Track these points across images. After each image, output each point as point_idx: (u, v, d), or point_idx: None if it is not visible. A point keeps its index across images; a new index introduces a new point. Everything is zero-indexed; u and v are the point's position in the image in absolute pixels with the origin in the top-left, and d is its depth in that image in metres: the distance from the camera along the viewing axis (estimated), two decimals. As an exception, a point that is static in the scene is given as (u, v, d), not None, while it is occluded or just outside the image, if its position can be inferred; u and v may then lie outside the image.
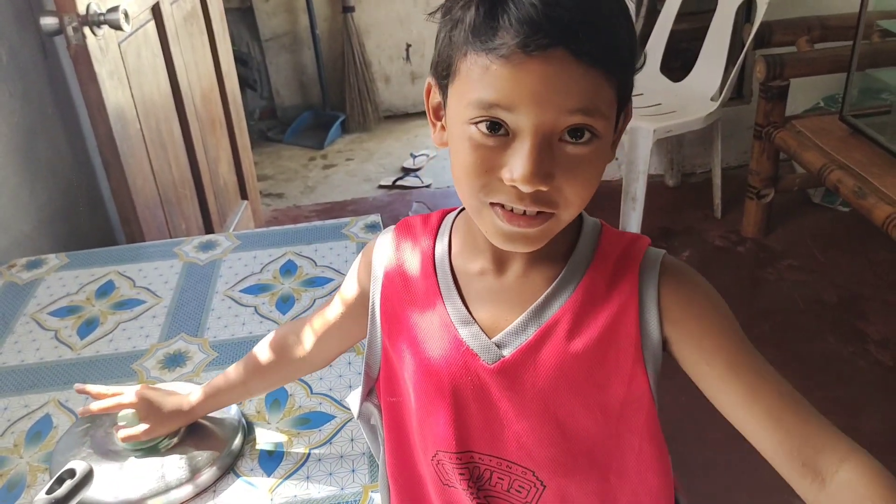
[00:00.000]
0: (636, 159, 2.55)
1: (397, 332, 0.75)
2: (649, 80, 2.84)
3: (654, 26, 2.84)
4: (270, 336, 0.92)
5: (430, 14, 0.66)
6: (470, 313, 0.71)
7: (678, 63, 2.88)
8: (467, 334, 0.70)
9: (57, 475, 0.76)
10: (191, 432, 0.99)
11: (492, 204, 0.62)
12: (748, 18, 2.76)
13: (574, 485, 0.73)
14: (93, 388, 0.99)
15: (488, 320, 0.70)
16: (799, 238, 2.73)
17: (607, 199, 2.84)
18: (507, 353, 0.69)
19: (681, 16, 2.77)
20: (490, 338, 0.69)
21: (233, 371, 0.94)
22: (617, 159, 3.02)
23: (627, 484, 0.74)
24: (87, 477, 0.76)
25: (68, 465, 0.77)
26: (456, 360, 0.70)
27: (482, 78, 0.58)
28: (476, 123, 0.60)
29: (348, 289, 0.84)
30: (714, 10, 2.70)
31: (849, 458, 0.61)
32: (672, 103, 2.68)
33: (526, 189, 0.59)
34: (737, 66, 2.56)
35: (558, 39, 0.56)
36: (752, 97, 3.02)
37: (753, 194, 2.67)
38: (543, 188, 0.59)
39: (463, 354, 0.70)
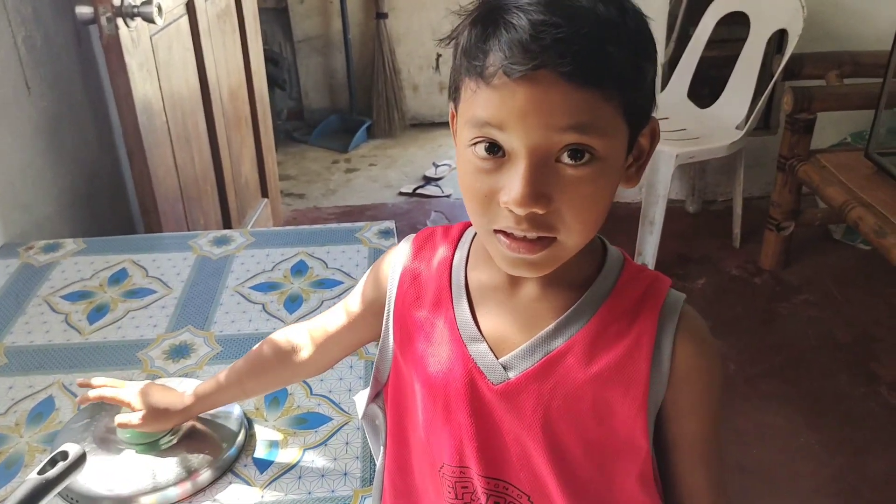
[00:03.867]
0: (656, 183, 2.54)
1: (408, 343, 0.75)
2: (676, 105, 2.84)
3: (683, 51, 2.84)
4: (270, 339, 0.91)
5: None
6: (479, 329, 0.70)
7: (706, 90, 2.88)
8: (475, 351, 0.70)
9: (50, 457, 0.77)
10: (193, 431, 1.00)
11: (496, 231, 0.62)
12: (779, 49, 2.75)
13: None
14: (96, 381, 0.99)
15: (497, 338, 0.70)
16: (817, 273, 2.70)
17: (625, 221, 2.83)
18: (512, 375, 0.68)
19: (712, 42, 2.77)
20: (497, 358, 0.69)
21: (230, 371, 0.93)
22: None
23: None
24: (80, 460, 0.77)
25: (61, 448, 0.78)
26: (462, 376, 0.70)
27: (473, 99, 0.60)
28: (475, 145, 0.61)
29: (355, 301, 0.83)
30: (745, 39, 2.70)
31: None
32: (696, 129, 2.67)
33: (519, 211, 0.59)
34: (764, 96, 2.55)
35: (543, 62, 0.56)
36: (778, 128, 3.00)
37: (773, 226, 2.65)
38: (539, 210, 0.59)
39: (469, 371, 0.69)
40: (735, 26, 2.74)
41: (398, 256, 0.78)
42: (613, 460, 0.70)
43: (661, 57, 2.93)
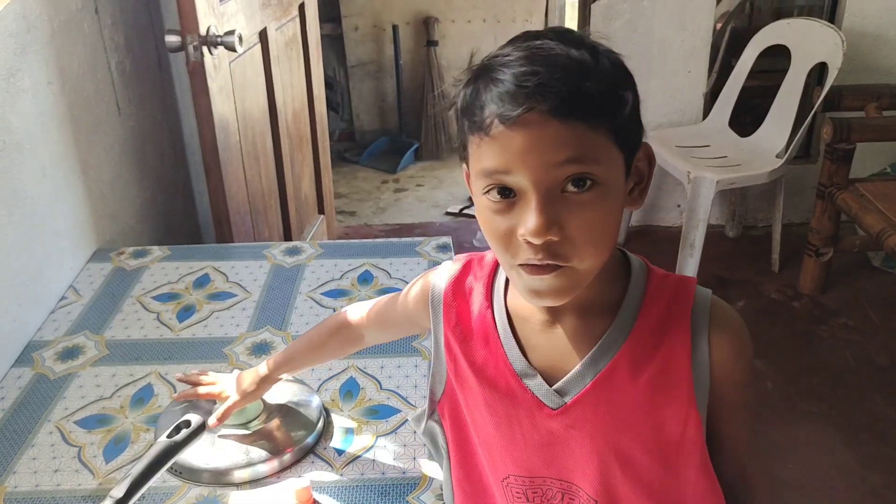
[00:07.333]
0: (697, 208, 2.63)
1: (464, 378, 0.82)
2: (717, 133, 2.93)
3: (725, 82, 2.93)
4: (333, 317, 1.04)
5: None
6: (530, 362, 0.77)
7: (748, 118, 2.96)
8: (531, 384, 0.76)
9: (175, 424, 0.90)
10: (280, 418, 1.12)
11: (518, 266, 0.68)
12: (819, 81, 2.83)
13: None
14: (193, 377, 1.11)
15: (548, 368, 0.76)
16: (855, 299, 2.76)
17: (666, 244, 2.92)
18: (568, 399, 0.75)
19: (753, 73, 2.86)
20: (551, 385, 0.76)
21: (297, 344, 1.06)
22: (679, 206, 3.10)
23: None
24: (201, 427, 0.90)
25: (185, 417, 0.91)
26: (522, 406, 0.77)
27: (479, 152, 0.67)
28: (488, 192, 0.67)
29: (404, 307, 0.92)
30: (786, 71, 2.78)
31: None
32: (737, 157, 2.76)
33: (537, 241, 0.64)
34: (804, 126, 2.63)
35: (530, 105, 0.62)
36: (818, 157, 3.07)
37: (812, 252, 2.72)
38: (554, 238, 0.64)
39: (528, 402, 0.77)
40: (777, 58, 2.83)
41: (437, 288, 0.84)
42: (675, 455, 0.77)
43: (704, 87, 3.02)
